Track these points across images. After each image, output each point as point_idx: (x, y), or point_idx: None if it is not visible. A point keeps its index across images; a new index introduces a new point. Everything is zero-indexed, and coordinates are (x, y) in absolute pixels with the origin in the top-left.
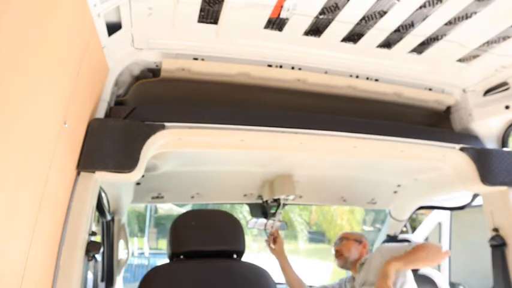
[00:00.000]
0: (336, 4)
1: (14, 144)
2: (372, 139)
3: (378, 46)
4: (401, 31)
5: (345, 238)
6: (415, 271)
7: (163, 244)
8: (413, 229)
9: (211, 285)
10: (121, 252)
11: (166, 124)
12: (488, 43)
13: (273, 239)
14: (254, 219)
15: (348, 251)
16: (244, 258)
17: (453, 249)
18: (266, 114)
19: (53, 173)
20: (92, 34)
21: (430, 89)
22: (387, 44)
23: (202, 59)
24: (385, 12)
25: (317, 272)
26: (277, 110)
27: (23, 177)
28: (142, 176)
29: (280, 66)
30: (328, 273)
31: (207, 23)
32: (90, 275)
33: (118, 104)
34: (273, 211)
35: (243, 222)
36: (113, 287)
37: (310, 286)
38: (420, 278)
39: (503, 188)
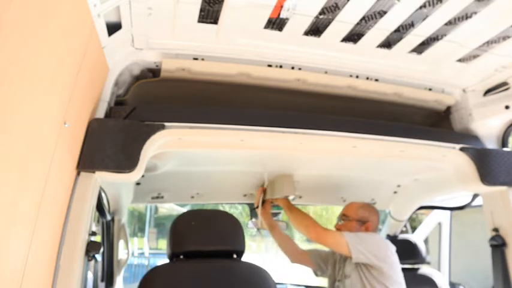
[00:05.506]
0: (336, 4)
1: (14, 144)
2: (372, 139)
3: (378, 46)
4: (401, 31)
5: (346, 216)
6: (414, 271)
7: (163, 244)
8: (413, 229)
9: (211, 285)
10: (121, 252)
11: (166, 124)
12: (488, 43)
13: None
14: (254, 219)
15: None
16: (244, 258)
17: (453, 249)
18: (266, 114)
19: (53, 173)
20: (92, 34)
21: (430, 89)
22: (387, 44)
23: (202, 59)
24: (385, 12)
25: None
26: (277, 110)
27: (23, 177)
28: (142, 176)
29: (280, 66)
30: None
31: (207, 23)
32: (90, 275)
33: (118, 104)
34: (273, 211)
35: None
36: (113, 287)
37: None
38: (420, 278)
39: (503, 188)
